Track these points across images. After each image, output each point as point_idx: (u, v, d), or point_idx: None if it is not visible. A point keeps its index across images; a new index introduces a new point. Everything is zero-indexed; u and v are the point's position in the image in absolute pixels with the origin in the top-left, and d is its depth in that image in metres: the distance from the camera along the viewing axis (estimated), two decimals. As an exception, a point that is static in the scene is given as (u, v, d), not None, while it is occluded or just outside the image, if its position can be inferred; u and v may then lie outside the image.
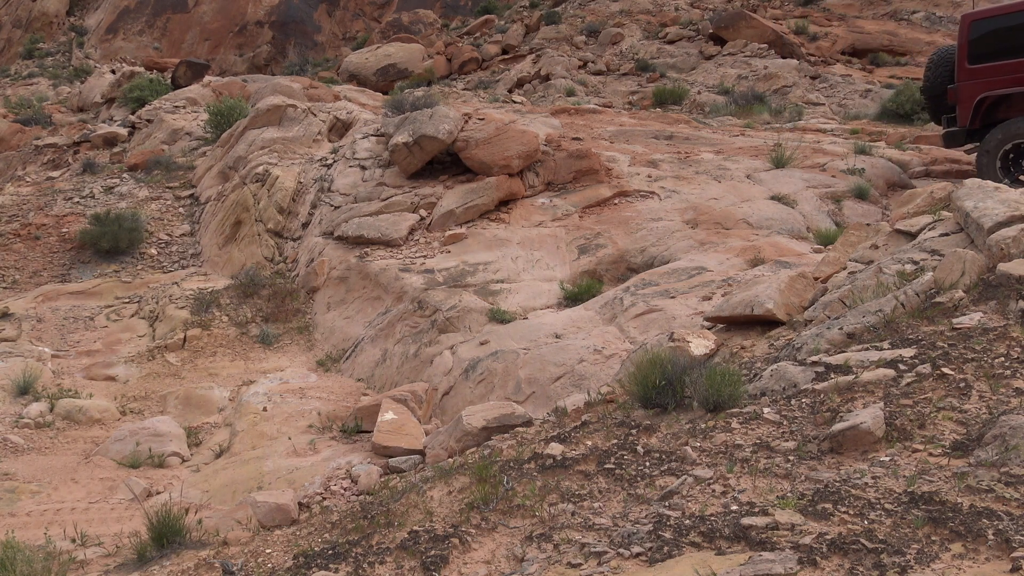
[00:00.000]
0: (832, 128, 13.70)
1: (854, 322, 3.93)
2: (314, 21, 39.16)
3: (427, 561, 2.82)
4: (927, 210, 4.89)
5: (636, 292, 6.47)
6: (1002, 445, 2.63)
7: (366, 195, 9.32)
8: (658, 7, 27.85)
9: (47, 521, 4.65)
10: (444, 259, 7.82)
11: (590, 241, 7.85)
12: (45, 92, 27.75)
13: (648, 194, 8.71)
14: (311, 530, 3.52)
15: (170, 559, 3.62)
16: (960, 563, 2.16)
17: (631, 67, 23.22)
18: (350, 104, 13.62)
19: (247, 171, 10.98)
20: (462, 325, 6.70)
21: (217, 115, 13.80)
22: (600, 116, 13.11)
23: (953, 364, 3.25)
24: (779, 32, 23.54)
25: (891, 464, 2.74)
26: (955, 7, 26.84)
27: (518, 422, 4.60)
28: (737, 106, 16.70)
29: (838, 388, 3.29)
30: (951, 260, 3.92)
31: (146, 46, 37.28)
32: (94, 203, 11.88)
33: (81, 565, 3.99)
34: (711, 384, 3.52)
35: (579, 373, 5.50)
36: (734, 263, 6.85)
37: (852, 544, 2.29)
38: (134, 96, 19.09)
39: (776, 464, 2.91)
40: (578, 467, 3.25)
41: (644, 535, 2.61)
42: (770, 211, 8.14)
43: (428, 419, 5.79)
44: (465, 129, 9.32)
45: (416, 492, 3.43)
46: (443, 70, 25.46)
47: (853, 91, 20.19)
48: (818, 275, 5.11)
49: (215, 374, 7.46)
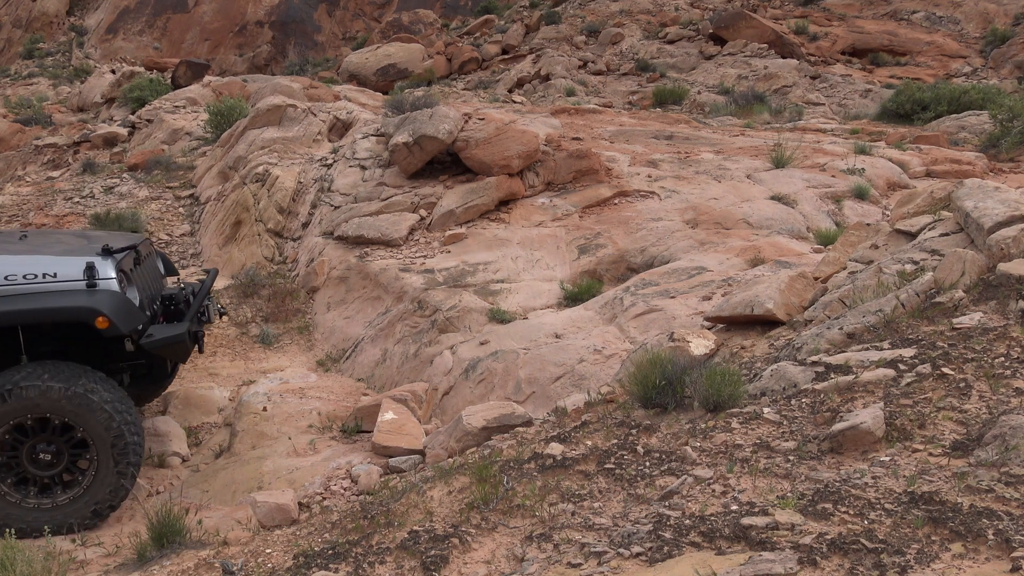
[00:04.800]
0: (832, 128, 13.70)
1: (854, 322, 3.93)
2: (314, 21, 39.17)
3: (427, 561, 2.82)
4: (927, 210, 4.89)
5: (636, 292, 6.47)
6: (1002, 445, 2.63)
7: (366, 195, 9.32)
8: (658, 7, 27.86)
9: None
10: (444, 259, 7.82)
11: (590, 241, 7.85)
12: (45, 92, 27.77)
13: (648, 194, 8.71)
14: (311, 530, 3.53)
15: (170, 559, 3.63)
16: (960, 563, 2.16)
17: (631, 67, 23.23)
18: (350, 104, 13.62)
19: (247, 171, 10.98)
20: (462, 325, 6.70)
21: (217, 115, 13.80)
22: (600, 116, 13.12)
23: (953, 364, 3.25)
24: (779, 32, 23.55)
25: (891, 464, 2.74)
26: (955, 7, 26.86)
27: (518, 422, 4.61)
28: (737, 106, 16.71)
29: (838, 388, 3.29)
30: (951, 260, 3.92)
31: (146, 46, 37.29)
32: (94, 203, 11.88)
33: (81, 565, 4.00)
34: (711, 384, 3.52)
35: (579, 373, 5.50)
36: (734, 263, 6.85)
37: (852, 544, 2.29)
38: (134, 96, 19.09)
39: (776, 464, 2.91)
40: (578, 467, 3.25)
41: (644, 535, 2.62)
42: (770, 211, 8.14)
43: (428, 419, 5.79)
44: (465, 129, 9.32)
45: (416, 492, 3.43)
46: (443, 70, 25.47)
47: (853, 91, 20.20)
48: (818, 275, 5.11)
49: (215, 374, 7.46)
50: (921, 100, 15.84)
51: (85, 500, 4.39)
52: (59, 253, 4.69)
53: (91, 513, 4.42)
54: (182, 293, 5.18)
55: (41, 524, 4.17)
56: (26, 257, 4.54)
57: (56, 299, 4.30)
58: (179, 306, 5.07)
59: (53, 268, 4.38)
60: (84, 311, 4.26)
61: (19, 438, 4.33)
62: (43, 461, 4.36)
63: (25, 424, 4.29)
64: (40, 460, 4.36)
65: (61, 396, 4.24)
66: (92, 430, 4.33)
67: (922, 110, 15.60)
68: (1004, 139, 11.78)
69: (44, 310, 4.29)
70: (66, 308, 4.28)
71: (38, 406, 4.24)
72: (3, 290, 4.28)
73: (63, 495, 4.40)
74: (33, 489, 4.39)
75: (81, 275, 4.36)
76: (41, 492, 4.40)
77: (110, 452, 4.35)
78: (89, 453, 4.38)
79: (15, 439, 4.32)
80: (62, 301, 4.30)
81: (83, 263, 4.40)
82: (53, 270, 4.37)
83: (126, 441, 4.37)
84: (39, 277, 4.33)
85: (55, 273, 4.36)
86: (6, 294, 4.27)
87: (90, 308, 4.26)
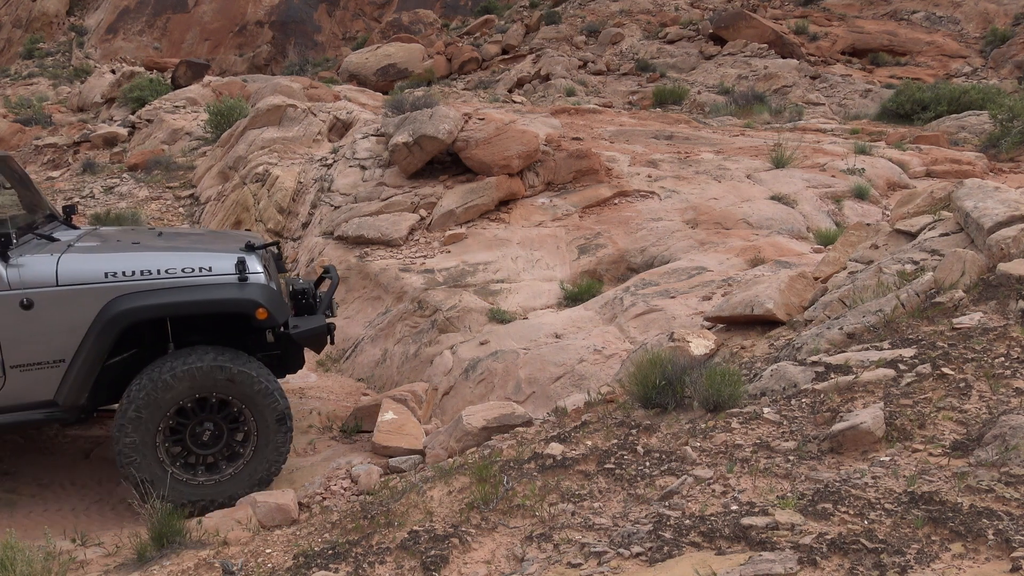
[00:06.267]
0: (832, 128, 13.71)
1: (854, 322, 3.93)
2: (314, 21, 39.18)
3: (427, 561, 2.82)
4: (927, 210, 4.89)
5: (636, 292, 6.47)
6: (1002, 445, 2.63)
7: (366, 195, 9.32)
8: (658, 7, 27.87)
9: (47, 521, 4.66)
10: (444, 259, 7.81)
11: (590, 241, 7.85)
12: (45, 92, 27.77)
13: (648, 194, 8.71)
14: (311, 530, 3.53)
15: (170, 559, 3.62)
16: (960, 563, 2.16)
17: (631, 67, 23.24)
18: (350, 104, 13.62)
19: (247, 171, 10.98)
20: (462, 325, 6.70)
21: (217, 115, 13.80)
22: (600, 116, 13.12)
23: (953, 364, 3.25)
24: (779, 32, 23.56)
25: (891, 464, 2.74)
26: (955, 7, 26.87)
27: (518, 422, 4.61)
28: (737, 106, 16.72)
29: (838, 388, 3.29)
30: (951, 260, 3.92)
31: (146, 46, 37.31)
32: (94, 203, 11.88)
33: (81, 565, 3.99)
34: (711, 384, 3.52)
35: (579, 373, 5.50)
36: (734, 263, 6.86)
37: (852, 544, 2.30)
38: (134, 96, 19.10)
39: (776, 464, 2.91)
40: (578, 467, 3.25)
41: (644, 535, 2.62)
42: (770, 211, 8.14)
43: (428, 419, 5.79)
44: (465, 129, 9.32)
45: (416, 492, 3.43)
46: (443, 70, 25.48)
47: (853, 91, 20.21)
48: (818, 275, 5.12)
49: (215, 374, 7.45)
50: (921, 100, 15.84)
51: (249, 472, 4.70)
52: (206, 250, 4.92)
53: (258, 481, 4.72)
54: (311, 288, 5.43)
55: (212, 498, 4.58)
56: (182, 253, 4.77)
57: (217, 291, 4.56)
58: (310, 300, 5.30)
59: (208, 263, 4.62)
60: (247, 303, 4.56)
61: (182, 421, 4.60)
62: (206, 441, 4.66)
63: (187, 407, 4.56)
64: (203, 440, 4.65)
65: (227, 375, 4.53)
66: (255, 405, 4.62)
67: (922, 110, 15.61)
68: (1004, 139, 11.78)
69: (209, 301, 4.54)
70: (230, 300, 4.56)
71: (208, 383, 4.52)
72: (164, 283, 4.53)
73: (228, 469, 4.69)
74: (201, 467, 4.67)
75: (233, 270, 4.61)
76: (208, 469, 4.69)
77: (271, 424, 4.66)
78: (247, 427, 4.69)
79: (178, 423, 4.59)
80: (225, 293, 4.57)
81: (234, 259, 4.66)
82: (208, 265, 4.61)
83: (283, 413, 4.68)
84: (196, 271, 4.57)
85: (210, 268, 4.61)
86: (167, 287, 4.53)
87: (252, 300, 4.56)
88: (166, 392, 4.46)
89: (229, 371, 4.52)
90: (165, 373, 4.46)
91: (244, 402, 4.60)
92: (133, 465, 4.47)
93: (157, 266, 4.54)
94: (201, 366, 4.49)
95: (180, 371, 4.46)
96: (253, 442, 4.70)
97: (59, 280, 4.41)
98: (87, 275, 4.46)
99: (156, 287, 4.49)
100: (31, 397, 4.47)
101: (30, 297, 4.36)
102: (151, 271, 4.51)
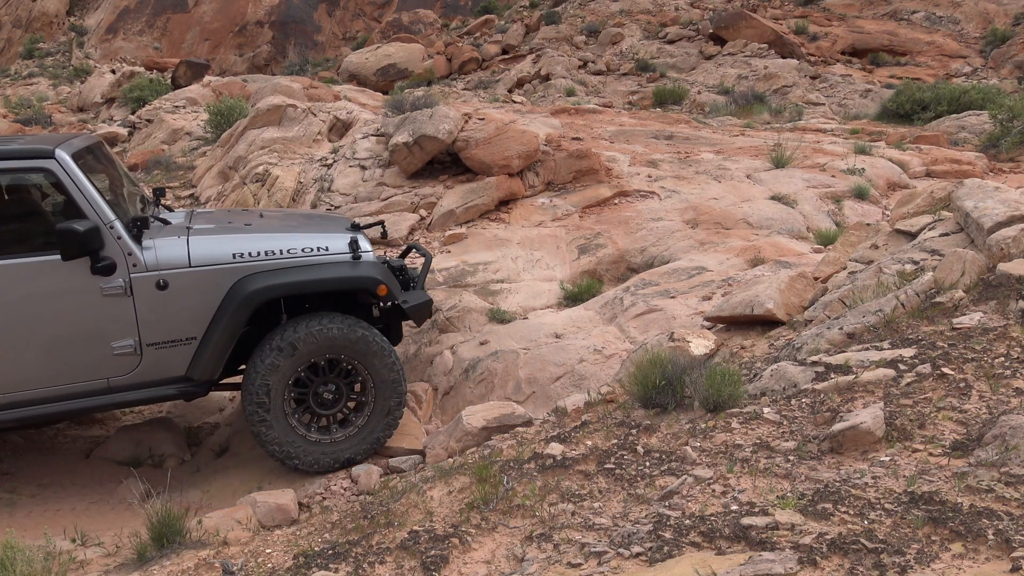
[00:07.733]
0: (832, 128, 13.70)
1: (854, 322, 3.93)
2: (314, 21, 39.19)
3: (427, 561, 2.82)
4: (927, 210, 4.89)
5: (636, 292, 6.47)
6: (1002, 445, 2.64)
7: (366, 195, 9.32)
8: (658, 7, 27.87)
9: (47, 521, 4.66)
10: (444, 259, 7.81)
11: (590, 241, 7.84)
12: (45, 92, 27.77)
13: (648, 194, 8.71)
14: (311, 530, 3.53)
15: (170, 559, 3.62)
16: (960, 563, 2.16)
17: (631, 67, 23.23)
18: (350, 104, 13.62)
19: (247, 171, 10.98)
20: (462, 325, 6.70)
21: (217, 115, 13.80)
22: (600, 116, 13.11)
23: (953, 364, 3.25)
24: (779, 32, 23.56)
25: (891, 464, 2.74)
26: (955, 7, 26.87)
27: (518, 422, 4.61)
28: (737, 106, 16.70)
29: (838, 388, 3.29)
30: (951, 260, 3.92)
31: (146, 46, 37.31)
32: (94, 203, 11.85)
33: (81, 565, 3.99)
34: (711, 384, 3.52)
35: (579, 373, 5.50)
36: (734, 263, 6.85)
37: (852, 544, 2.30)
38: (134, 96, 19.10)
39: (776, 464, 2.91)
40: (578, 467, 3.25)
41: (644, 535, 2.62)
42: (770, 211, 8.14)
43: (428, 419, 5.79)
44: (465, 129, 9.32)
45: (416, 492, 3.43)
46: (443, 70, 25.47)
47: (853, 91, 20.21)
48: (818, 275, 5.12)
49: (215, 374, 7.45)
50: (921, 100, 15.83)
51: (363, 435, 4.91)
52: (319, 231, 5.14)
53: (369, 445, 4.93)
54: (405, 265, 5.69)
55: (324, 459, 4.82)
56: (298, 234, 5.01)
57: (337, 270, 4.84)
58: (406, 276, 5.54)
59: (324, 243, 4.91)
60: (369, 280, 4.85)
61: (311, 376, 4.81)
62: (326, 400, 4.88)
63: (319, 364, 4.79)
64: (324, 399, 4.88)
65: (352, 339, 4.75)
66: (374, 369, 4.85)
67: (922, 110, 15.60)
68: (1004, 139, 11.77)
69: (337, 279, 4.82)
70: (355, 277, 4.85)
71: (332, 347, 4.74)
72: (286, 262, 4.78)
73: (340, 431, 4.90)
74: (315, 425, 4.88)
75: (347, 249, 4.91)
76: (320, 430, 4.89)
77: (386, 389, 4.89)
78: (365, 392, 4.91)
79: (308, 378, 4.80)
80: (347, 271, 4.85)
81: (347, 238, 4.96)
82: (325, 244, 4.90)
83: (397, 378, 4.91)
84: (315, 251, 4.86)
85: (327, 247, 4.89)
86: (289, 266, 4.77)
87: (373, 278, 4.85)
88: (293, 355, 4.68)
89: (359, 334, 4.74)
90: (300, 332, 4.67)
91: (365, 365, 4.82)
92: (264, 424, 4.71)
93: (279, 247, 4.79)
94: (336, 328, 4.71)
95: (314, 332, 4.68)
96: (370, 406, 4.91)
97: (191, 261, 4.62)
98: (217, 256, 4.67)
99: (279, 267, 4.74)
100: (165, 374, 4.70)
101: (165, 278, 4.55)
102: (274, 252, 4.76)
